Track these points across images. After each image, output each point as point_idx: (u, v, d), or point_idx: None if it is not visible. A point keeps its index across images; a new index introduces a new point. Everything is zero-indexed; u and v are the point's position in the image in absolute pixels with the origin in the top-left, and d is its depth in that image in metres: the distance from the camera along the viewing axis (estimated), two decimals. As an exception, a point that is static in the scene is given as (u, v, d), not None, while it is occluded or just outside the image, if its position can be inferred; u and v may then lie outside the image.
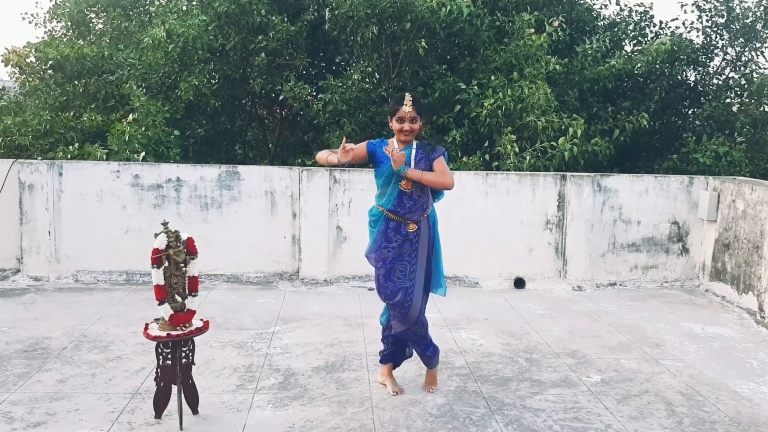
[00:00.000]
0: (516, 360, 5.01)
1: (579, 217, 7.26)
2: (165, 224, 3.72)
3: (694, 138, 9.97)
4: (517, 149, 8.15)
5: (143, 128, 8.32)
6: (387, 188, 4.03)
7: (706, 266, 7.30)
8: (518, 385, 4.52)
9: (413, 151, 4.05)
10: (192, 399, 3.92)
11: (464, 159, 8.41)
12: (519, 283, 7.22)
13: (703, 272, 7.35)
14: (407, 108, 3.95)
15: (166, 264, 3.67)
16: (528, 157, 8.15)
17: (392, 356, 4.41)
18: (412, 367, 4.78)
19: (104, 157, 8.10)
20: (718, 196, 7.08)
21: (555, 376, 4.70)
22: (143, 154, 8.05)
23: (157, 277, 3.64)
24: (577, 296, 6.95)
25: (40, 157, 8.32)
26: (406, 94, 4.00)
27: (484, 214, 7.24)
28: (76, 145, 8.68)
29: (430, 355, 4.33)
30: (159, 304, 3.68)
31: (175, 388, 3.81)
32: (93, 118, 9.66)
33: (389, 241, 4.04)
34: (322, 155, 4.13)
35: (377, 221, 4.10)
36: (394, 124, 4.03)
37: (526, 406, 4.20)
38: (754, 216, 6.43)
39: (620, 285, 7.36)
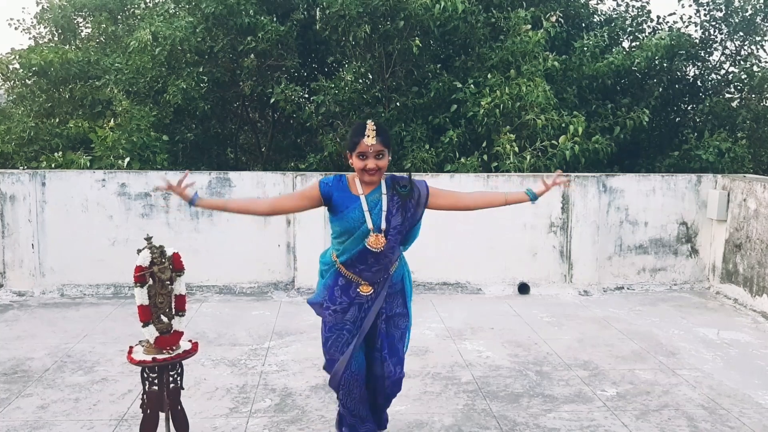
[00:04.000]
0: (526, 373, 4.74)
1: (584, 219, 7.01)
2: (148, 239, 3.43)
3: (695, 134, 9.75)
4: (516, 149, 7.90)
5: (127, 133, 8.03)
6: (347, 240, 3.19)
7: (716, 268, 7.05)
8: (530, 402, 4.26)
9: (384, 198, 3.15)
10: (181, 426, 3.62)
11: (462, 160, 8.16)
12: (523, 288, 6.96)
13: (713, 274, 7.11)
14: (370, 140, 3.04)
15: (151, 282, 3.39)
16: (528, 157, 7.90)
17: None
18: (416, 383, 4.51)
19: (87, 164, 7.81)
20: (728, 195, 6.84)
21: (568, 391, 4.44)
22: (128, 159, 7.75)
23: (141, 296, 3.35)
24: (584, 301, 6.70)
25: (23, 167, 8.02)
26: (368, 121, 3.09)
27: (486, 218, 6.95)
28: (61, 152, 8.38)
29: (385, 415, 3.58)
30: (143, 326, 3.39)
31: (163, 415, 3.53)
32: (79, 124, 9.37)
33: (333, 302, 3.25)
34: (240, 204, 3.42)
35: (327, 271, 3.33)
36: (355, 162, 3.10)
37: (540, 426, 3.93)
38: (767, 215, 6.18)
39: (628, 288, 7.11)
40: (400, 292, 3.38)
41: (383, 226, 3.13)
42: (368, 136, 3.05)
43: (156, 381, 3.46)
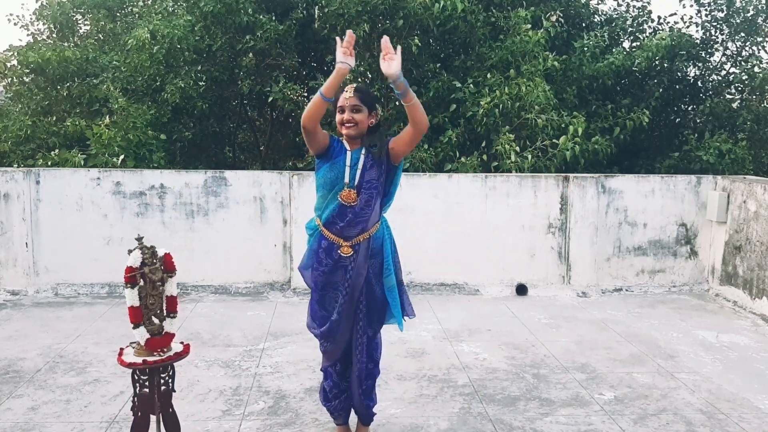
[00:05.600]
0: (523, 376, 4.69)
1: (583, 220, 6.95)
2: (139, 239, 3.38)
3: (696, 135, 9.70)
4: (517, 149, 7.84)
5: (123, 131, 7.98)
6: (327, 197, 3.44)
7: (715, 270, 7.00)
8: (526, 405, 4.21)
9: (361, 158, 3.39)
10: (173, 429, 3.57)
11: (462, 159, 8.10)
12: (521, 289, 6.91)
13: (713, 276, 7.06)
14: (347, 94, 3.31)
15: (141, 283, 3.34)
16: (529, 157, 7.84)
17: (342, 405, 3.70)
18: (412, 386, 4.47)
19: (81, 162, 7.76)
20: (728, 197, 6.79)
21: (565, 394, 4.39)
22: (122, 157, 7.70)
23: (132, 297, 3.29)
24: (583, 303, 6.65)
25: (18, 165, 7.97)
26: (349, 84, 3.40)
27: (484, 218, 6.93)
28: (57, 151, 8.33)
29: (366, 405, 3.67)
30: (134, 328, 3.34)
31: (154, 418, 3.48)
32: (77, 123, 9.31)
33: (320, 263, 3.47)
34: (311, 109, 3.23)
35: (312, 236, 3.56)
36: (337, 117, 3.37)
37: (537, 430, 3.88)
38: (767, 217, 6.13)
39: (626, 290, 7.06)
40: (380, 254, 3.51)
41: (357, 181, 3.36)
42: (346, 92, 3.33)
43: (147, 383, 3.41)
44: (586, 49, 9.30)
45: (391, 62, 3.15)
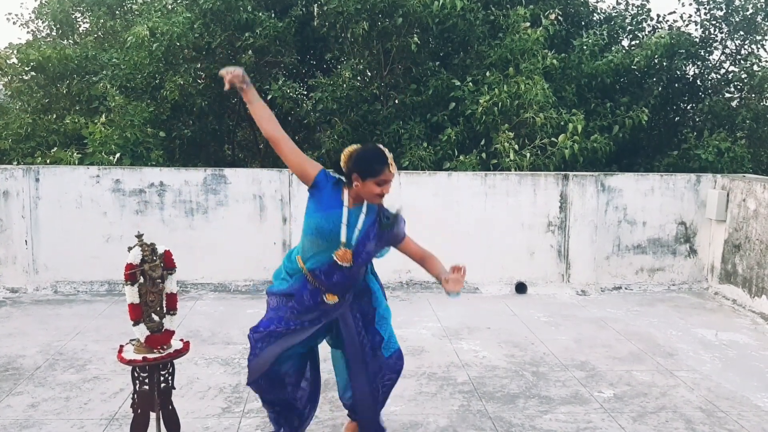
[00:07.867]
0: (522, 374, 4.70)
1: (582, 219, 6.95)
2: (139, 236, 3.38)
3: (695, 134, 9.71)
4: (516, 147, 7.85)
5: (120, 129, 7.98)
6: (317, 247, 3.15)
7: (715, 268, 7.01)
8: (526, 403, 4.21)
9: (362, 218, 3.12)
10: (172, 426, 3.57)
11: (461, 158, 8.11)
12: (520, 288, 6.91)
13: (712, 274, 7.06)
14: (394, 168, 3.08)
15: (141, 280, 3.34)
16: (528, 155, 7.85)
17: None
18: (411, 384, 4.47)
19: (76, 161, 7.77)
20: (727, 195, 6.79)
21: (564, 392, 4.40)
22: (118, 155, 7.71)
23: (131, 294, 3.30)
24: (582, 301, 6.65)
25: (18, 163, 7.98)
26: (385, 151, 3.09)
27: (483, 217, 6.93)
28: (56, 149, 8.34)
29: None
30: (134, 325, 3.34)
31: (154, 415, 3.48)
32: (76, 120, 9.32)
33: (300, 303, 3.20)
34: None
35: (293, 275, 3.27)
36: (371, 187, 3.05)
37: (536, 427, 3.88)
38: (767, 216, 6.14)
39: (626, 288, 7.07)
40: (366, 292, 3.38)
41: (354, 243, 3.11)
42: (392, 164, 3.07)
43: (147, 380, 3.41)
44: (585, 47, 9.31)
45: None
